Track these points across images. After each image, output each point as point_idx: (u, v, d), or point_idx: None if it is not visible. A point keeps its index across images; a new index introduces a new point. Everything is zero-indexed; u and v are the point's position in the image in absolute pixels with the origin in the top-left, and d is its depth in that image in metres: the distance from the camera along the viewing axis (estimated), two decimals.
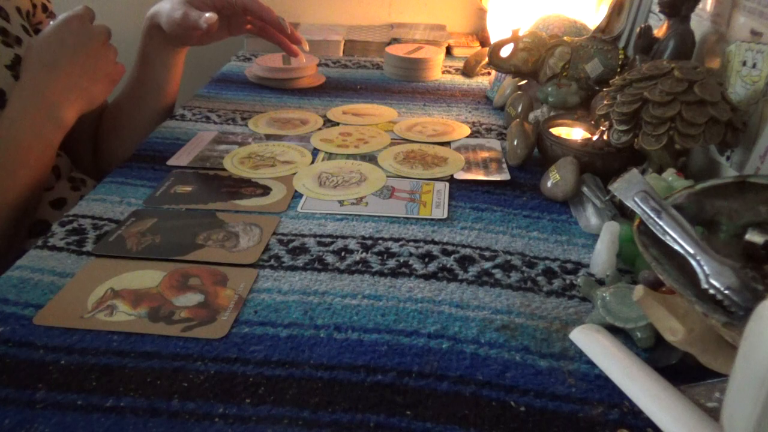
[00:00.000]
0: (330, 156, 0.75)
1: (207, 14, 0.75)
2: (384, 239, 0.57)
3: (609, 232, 0.52)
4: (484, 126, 0.85)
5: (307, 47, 0.93)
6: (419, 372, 0.42)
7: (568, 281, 0.52)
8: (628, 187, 0.41)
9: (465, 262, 0.55)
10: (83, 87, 0.68)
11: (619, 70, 0.76)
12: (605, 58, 0.77)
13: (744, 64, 0.62)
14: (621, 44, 0.78)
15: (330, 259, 0.54)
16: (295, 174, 0.69)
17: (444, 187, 0.67)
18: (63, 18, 0.68)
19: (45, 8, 0.79)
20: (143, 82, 0.83)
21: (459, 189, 0.67)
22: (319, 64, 1.11)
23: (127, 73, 0.81)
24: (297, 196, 0.65)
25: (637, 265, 0.53)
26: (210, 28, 0.76)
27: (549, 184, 0.65)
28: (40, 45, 0.66)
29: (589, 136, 0.71)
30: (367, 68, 1.12)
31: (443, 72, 1.10)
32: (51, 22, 0.75)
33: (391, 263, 0.54)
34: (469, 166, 0.72)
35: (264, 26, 0.87)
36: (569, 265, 0.55)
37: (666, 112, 0.56)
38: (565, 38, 0.79)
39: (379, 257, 0.55)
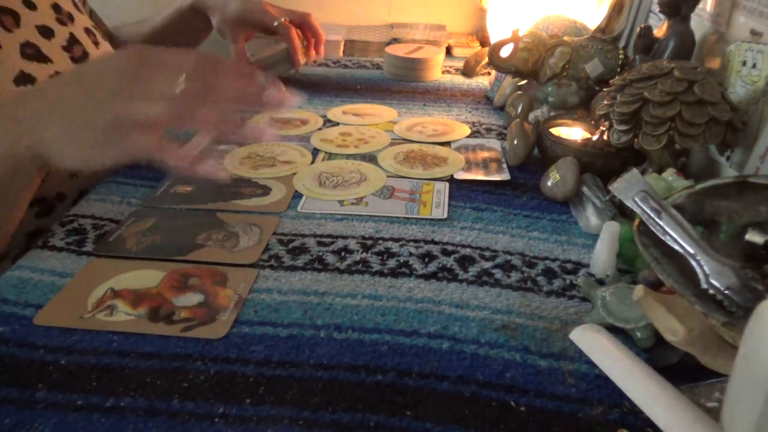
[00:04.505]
0: (330, 156, 0.75)
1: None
2: (384, 239, 0.57)
3: (609, 232, 0.52)
4: (484, 126, 0.85)
5: (321, 55, 0.99)
6: (419, 372, 0.42)
7: (568, 281, 0.52)
8: (628, 187, 0.41)
9: (465, 262, 0.55)
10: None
11: (619, 70, 0.76)
12: (605, 58, 0.77)
13: (744, 64, 0.61)
14: (621, 44, 0.78)
15: (330, 259, 0.54)
16: (295, 174, 0.69)
17: (444, 187, 0.67)
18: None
19: None
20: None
21: (459, 189, 0.67)
22: (319, 64, 1.11)
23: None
24: (297, 196, 0.65)
25: (637, 265, 0.53)
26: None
27: (549, 184, 0.65)
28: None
29: (589, 136, 0.71)
30: (367, 68, 1.12)
31: (443, 72, 1.10)
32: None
33: (391, 263, 0.54)
34: (469, 166, 0.72)
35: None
36: (569, 265, 0.55)
37: (666, 112, 0.56)
38: (565, 38, 0.79)
39: (379, 257, 0.55)
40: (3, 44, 0.59)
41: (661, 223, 0.39)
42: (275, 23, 0.92)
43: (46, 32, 0.64)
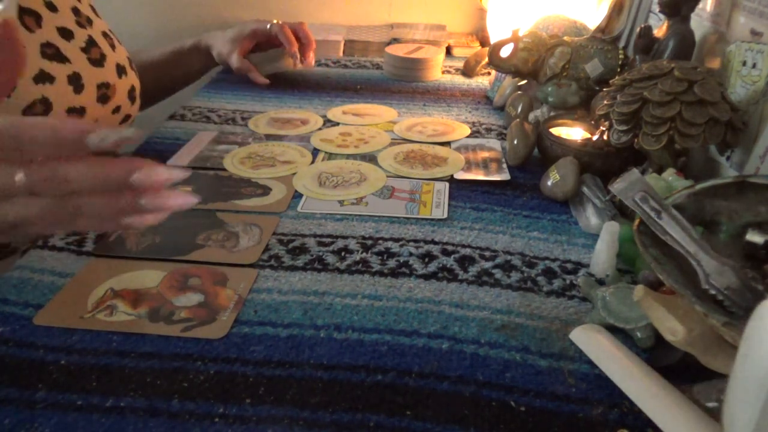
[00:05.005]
0: (330, 156, 0.75)
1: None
2: (384, 239, 0.57)
3: (609, 232, 0.52)
4: (484, 126, 0.85)
5: (311, 62, 1.00)
6: (419, 372, 0.42)
7: (568, 281, 0.52)
8: (628, 187, 0.41)
9: (465, 262, 0.55)
10: None
11: (619, 70, 0.76)
12: (605, 58, 0.77)
13: (744, 64, 0.61)
14: (621, 44, 0.78)
15: (330, 259, 0.54)
16: (295, 174, 0.69)
17: (444, 187, 0.67)
18: None
19: None
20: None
21: (459, 189, 0.67)
22: (319, 64, 1.11)
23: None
24: (297, 196, 0.65)
25: (637, 265, 0.53)
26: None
27: (549, 184, 0.65)
28: None
29: (589, 136, 0.71)
30: (367, 68, 1.12)
31: (443, 72, 1.10)
32: None
33: (391, 263, 0.54)
34: (469, 166, 0.72)
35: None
36: (569, 265, 0.55)
37: (666, 112, 0.56)
38: (565, 38, 0.79)
39: (379, 257, 0.55)
40: (24, 44, 0.60)
41: (661, 223, 0.39)
42: (268, 25, 0.95)
43: (66, 33, 0.65)
